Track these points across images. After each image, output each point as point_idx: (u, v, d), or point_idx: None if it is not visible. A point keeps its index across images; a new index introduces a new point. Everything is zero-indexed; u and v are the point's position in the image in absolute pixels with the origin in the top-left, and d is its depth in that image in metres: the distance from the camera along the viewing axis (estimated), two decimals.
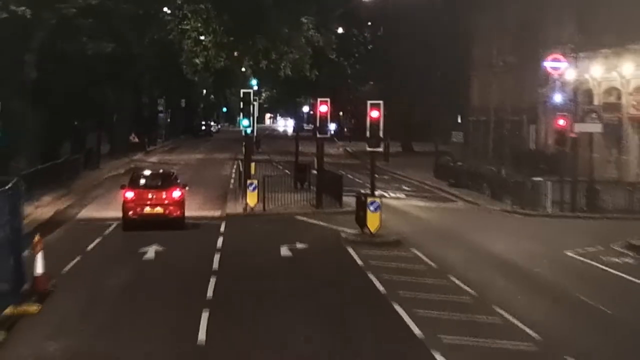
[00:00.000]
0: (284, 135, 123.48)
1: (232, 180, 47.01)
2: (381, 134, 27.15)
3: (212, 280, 20.58)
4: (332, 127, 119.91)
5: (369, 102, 27.20)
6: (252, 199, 32.74)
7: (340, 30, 68.59)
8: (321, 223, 30.87)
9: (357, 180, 49.08)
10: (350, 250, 25.00)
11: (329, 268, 22.87)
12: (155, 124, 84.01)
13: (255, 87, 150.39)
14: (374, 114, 26.86)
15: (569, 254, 25.66)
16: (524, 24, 57.30)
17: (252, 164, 35.57)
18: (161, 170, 35.44)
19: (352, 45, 77.25)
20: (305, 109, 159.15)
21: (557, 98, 53.88)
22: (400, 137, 78.45)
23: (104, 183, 44.90)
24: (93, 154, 52.93)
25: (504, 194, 40.79)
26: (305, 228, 30.00)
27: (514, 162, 50.95)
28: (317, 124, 34.13)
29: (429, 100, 75.48)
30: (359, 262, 23.28)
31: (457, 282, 20.82)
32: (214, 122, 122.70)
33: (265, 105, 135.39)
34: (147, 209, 28.18)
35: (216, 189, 41.82)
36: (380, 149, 27.78)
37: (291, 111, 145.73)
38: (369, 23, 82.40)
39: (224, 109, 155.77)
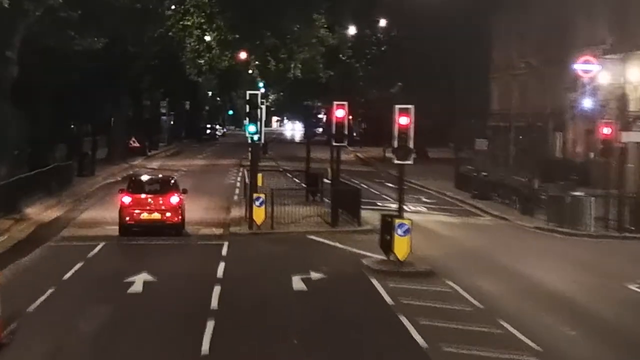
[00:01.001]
0: (291, 140, 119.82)
1: (237, 190, 43.17)
2: (411, 144, 23.23)
3: (210, 325, 16.65)
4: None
5: (397, 106, 23.25)
6: (258, 215, 28.87)
7: (352, 30, 64.67)
8: (338, 245, 26.97)
9: (373, 190, 45.21)
10: (375, 283, 21.07)
11: (351, 308, 18.87)
12: (157, 128, 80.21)
13: (262, 90, 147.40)
14: (403, 120, 22.96)
15: (633, 287, 21.74)
16: (550, 23, 53.52)
17: (259, 175, 31.67)
18: (160, 175, 34.48)
19: (364, 45, 73.35)
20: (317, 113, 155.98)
21: (587, 103, 49.99)
22: (414, 143, 74.53)
23: (97, 192, 41.05)
24: (87, 160, 49.05)
25: (535, 208, 36.96)
26: (320, 251, 26.11)
27: (538, 171, 46.98)
28: (333, 131, 30.25)
29: (445, 105, 71.84)
30: (388, 299, 19.34)
31: (512, 330, 16.85)
32: (219, 125, 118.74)
33: (272, 108, 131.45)
34: (145, 215, 27.39)
35: (219, 200, 38.01)
36: (410, 162, 23.78)
37: (299, 114, 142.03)
38: (382, 23, 78.45)
39: (230, 112, 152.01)
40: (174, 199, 27.72)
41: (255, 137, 29.32)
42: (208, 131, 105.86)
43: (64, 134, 55.00)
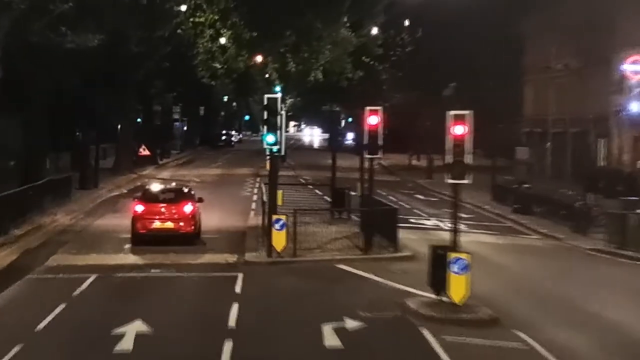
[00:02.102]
0: (310, 146, 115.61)
1: (253, 205, 38.92)
2: (469, 159, 18.88)
3: None
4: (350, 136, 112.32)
5: (450, 113, 18.84)
6: (279, 240, 24.56)
7: (374, 30, 60.25)
8: (373, 277, 22.60)
9: (403, 204, 40.72)
10: (428, 336, 16.66)
11: None
12: (169, 134, 76.05)
13: (279, 94, 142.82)
14: (459, 130, 18.57)
15: None
16: (591, 21, 49.13)
17: (279, 193, 27.34)
18: (173, 184, 33.97)
19: (389, 47, 68.98)
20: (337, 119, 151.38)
21: (635, 107, 45.73)
22: (440, 150, 70.22)
23: (97, 209, 36.77)
24: (90, 171, 44.84)
25: (589, 226, 32.65)
26: (353, 286, 21.75)
27: (581, 182, 42.46)
28: (365, 140, 25.96)
29: (471, 109, 67.19)
30: None
31: None
32: (235, 132, 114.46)
33: (289, 113, 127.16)
34: (157, 224, 26.82)
35: (233, 218, 33.73)
36: (468, 181, 19.45)
37: (317, 119, 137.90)
38: (407, 23, 74.05)
39: (247, 117, 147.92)
40: (188, 208, 26.97)
41: (275, 149, 24.98)
42: (223, 137, 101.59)
43: (66, 143, 51.08)
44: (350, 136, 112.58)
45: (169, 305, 19.28)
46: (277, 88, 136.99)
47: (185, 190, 29.06)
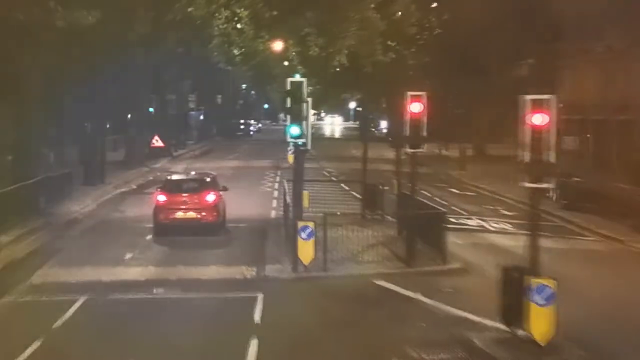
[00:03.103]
0: (331, 135, 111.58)
1: (274, 203, 35.04)
2: (552, 156, 14.81)
3: None
4: (384, 124, 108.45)
5: (528, 97, 14.66)
6: (306, 252, 20.60)
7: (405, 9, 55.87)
8: (421, 299, 18.59)
9: (438, 199, 36.42)
10: None
11: None
12: (184, 124, 72.17)
13: (304, 78, 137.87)
14: (537, 119, 14.45)
15: None
16: None
17: (305, 194, 23.34)
18: (196, 173, 33.23)
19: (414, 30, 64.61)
20: (352, 105, 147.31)
21: None
22: (469, 138, 66.19)
23: (99, 210, 32.94)
24: (95, 165, 41.02)
25: None
26: (398, 312, 17.72)
27: (626, 174, 38.18)
28: (406, 131, 21.94)
29: (499, 94, 63.32)
30: None
31: None
32: (254, 121, 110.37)
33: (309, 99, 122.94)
34: (180, 214, 26.29)
35: (252, 220, 29.86)
36: (551, 185, 15.39)
37: (338, 107, 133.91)
38: (434, 4, 69.70)
39: (266, 106, 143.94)
40: (211, 197, 26.46)
41: (300, 142, 20.96)
42: (242, 127, 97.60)
43: (74, 135, 47.31)
44: (383, 124, 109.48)
45: (169, 342, 15.31)
46: (297, 75, 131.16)
47: (209, 179, 28.16)
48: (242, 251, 24.26)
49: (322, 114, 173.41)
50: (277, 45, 48.26)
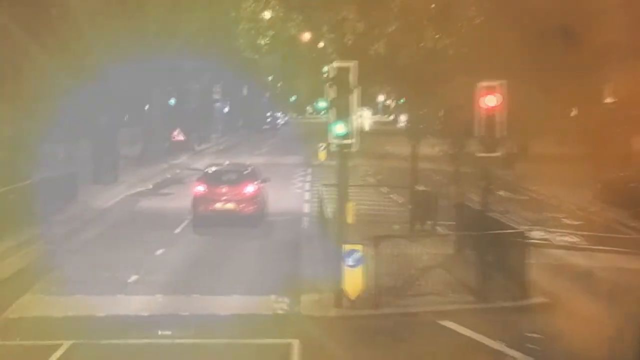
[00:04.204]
0: (361, 129, 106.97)
1: (306, 207, 30.83)
2: None
3: None
4: (404, 119, 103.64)
5: None
6: (353, 283, 16.28)
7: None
8: (506, 351, 14.20)
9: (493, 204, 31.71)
10: None
11: None
12: (208, 117, 67.93)
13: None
14: None
15: None
16: None
17: (350, 207, 18.98)
18: (236, 163, 32.42)
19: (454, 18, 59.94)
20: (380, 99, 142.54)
21: None
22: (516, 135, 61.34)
23: (107, 215, 28.76)
24: (108, 161, 36.90)
25: None
26: None
27: None
28: (477, 131, 17.58)
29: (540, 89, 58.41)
30: None
31: None
32: (281, 114, 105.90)
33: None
34: (218, 205, 26.17)
35: (283, 232, 25.66)
36: None
37: (366, 100, 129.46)
38: None
39: (293, 98, 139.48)
40: (250, 189, 26.39)
41: (347, 142, 16.54)
42: (268, 120, 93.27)
43: (86, 128, 43.12)
44: (403, 118, 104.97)
45: None
46: (325, 68, 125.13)
47: (248, 170, 27.95)
48: (271, 269, 20.05)
49: None
50: (308, 32, 44.10)
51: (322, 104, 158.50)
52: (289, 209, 30.43)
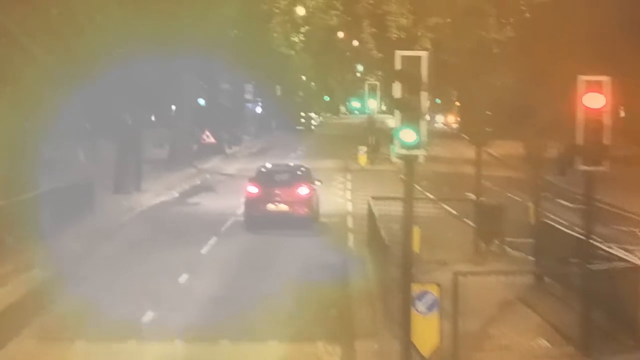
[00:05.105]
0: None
1: (350, 220, 27.42)
2: None
3: None
4: (440, 119, 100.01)
5: None
6: (426, 334, 12.62)
7: None
8: None
9: (550, 214, 27.46)
10: None
11: None
12: (239, 117, 64.53)
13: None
14: None
15: None
16: None
17: (416, 233, 15.38)
18: (289, 164, 32.30)
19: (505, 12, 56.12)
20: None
21: None
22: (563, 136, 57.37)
23: (125, 232, 25.33)
24: (130, 167, 33.56)
25: None
26: None
27: None
28: (579, 139, 13.93)
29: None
30: None
31: None
32: (315, 114, 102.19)
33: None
34: (271, 206, 25.66)
35: (326, 251, 22.18)
36: None
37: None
38: None
39: (326, 98, 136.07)
40: (303, 190, 26.09)
41: (416, 154, 12.94)
42: (302, 120, 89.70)
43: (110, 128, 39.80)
44: (439, 119, 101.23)
45: None
46: (359, 66, 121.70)
47: (302, 171, 27.51)
48: (316, 304, 16.58)
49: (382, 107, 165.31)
50: (347, 24, 40.66)
51: (355, 103, 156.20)
52: (332, 224, 27.00)
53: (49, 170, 30.75)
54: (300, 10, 43.59)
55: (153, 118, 56.89)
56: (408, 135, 12.73)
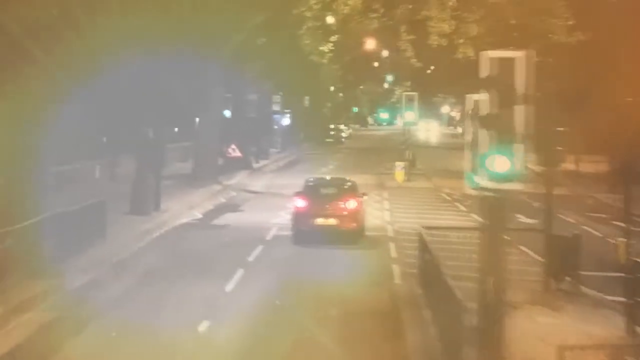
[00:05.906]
0: (426, 143, 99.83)
1: (392, 249, 24.34)
2: None
3: None
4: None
5: None
6: None
7: None
8: None
9: (610, 239, 24.14)
10: None
11: None
12: (267, 130, 61.62)
13: (387, 84, 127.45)
14: None
15: None
16: None
17: (500, 282, 12.25)
18: (336, 177, 32.88)
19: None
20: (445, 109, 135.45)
21: None
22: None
23: (140, 259, 22.31)
24: (148, 185, 30.61)
25: None
26: None
27: None
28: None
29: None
30: None
31: None
32: (344, 126, 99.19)
33: (397, 105, 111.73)
34: (320, 220, 25.53)
35: (366, 287, 19.10)
36: None
37: (431, 111, 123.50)
38: None
39: (355, 109, 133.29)
40: (352, 204, 25.82)
41: (509, 188, 9.80)
42: (331, 132, 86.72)
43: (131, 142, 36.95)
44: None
45: None
46: (389, 77, 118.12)
47: (349, 184, 27.47)
48: None
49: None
50: (369, 43, 37.61)
51: (383, 115, 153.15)
52: (371, 256, 23.88)
53: (58, 189, 28.01)
54: (331, 19, 40.80)
55: (176, 129, 54.14)
56: (502, 164, 9.62)
